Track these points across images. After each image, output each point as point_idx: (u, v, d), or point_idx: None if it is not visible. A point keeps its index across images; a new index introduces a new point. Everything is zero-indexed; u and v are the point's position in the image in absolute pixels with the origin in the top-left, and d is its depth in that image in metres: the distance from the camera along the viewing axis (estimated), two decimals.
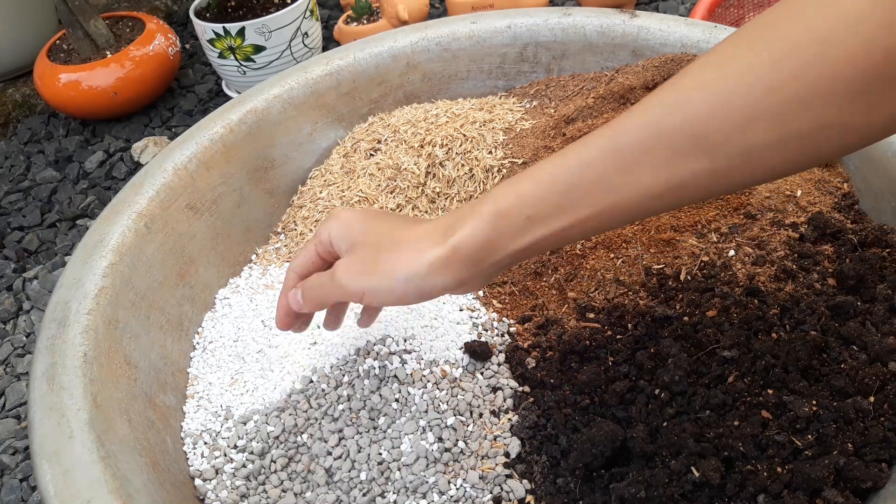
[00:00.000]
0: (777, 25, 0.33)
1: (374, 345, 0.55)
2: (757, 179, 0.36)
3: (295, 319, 0.50)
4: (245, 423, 0.53)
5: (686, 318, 0.52)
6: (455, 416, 0.51)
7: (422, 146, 0.69)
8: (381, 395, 0.52)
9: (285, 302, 0.49)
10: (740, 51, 0.34)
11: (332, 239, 0.46)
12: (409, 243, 0.41)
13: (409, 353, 0.55)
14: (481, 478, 0.47)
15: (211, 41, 0.99)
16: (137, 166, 1.02)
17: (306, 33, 1.02)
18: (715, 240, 0.58)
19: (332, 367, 0.55)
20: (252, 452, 0.51)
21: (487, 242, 0.40)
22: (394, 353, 0.55)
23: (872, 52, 0.31)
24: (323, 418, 0.52)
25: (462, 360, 0.54)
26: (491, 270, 0.41)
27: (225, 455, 0.52)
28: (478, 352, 0.54)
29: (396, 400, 0.52)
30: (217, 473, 0.51)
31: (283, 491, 0.49)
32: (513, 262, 0.42)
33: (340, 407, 0.52)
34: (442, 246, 0.40)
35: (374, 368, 0.54)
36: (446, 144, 0.68)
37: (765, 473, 0.41)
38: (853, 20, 0.31)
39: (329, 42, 1.20)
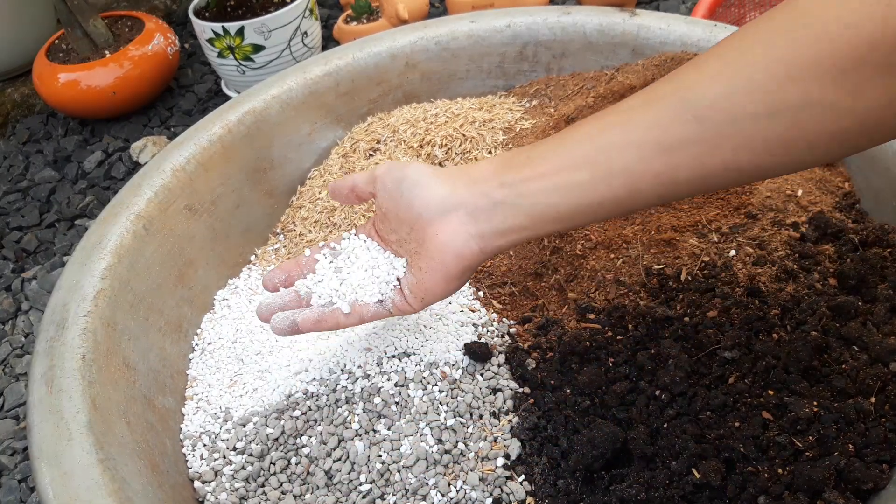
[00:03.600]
0: (775, 18, 0.35)
1: (375, 346, 0.55)
2: (746, 159, 0.36)
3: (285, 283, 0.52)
4: (244, 425, 0.53)
5: (687, 319, 0.52)
6: (455, 417, 0.50)
7: (421, 146, 0.69)
8: (380, 397, 0.52)
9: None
10: (743, 42, 0.35)
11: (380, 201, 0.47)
12: (448, 231, 0.43)
13: (409, 355, 0.55)
14: (481, 479, 0.47)
15: (210, 41, 0.99)
16: (136, 166, 1.01)
17: (306, 33, 1.02)
18: (715, 240, 0.58)
19: (331, 369, 0.54)
20: (251, 454, 0.51)
21: (501, 224, 0.42)
22: (394, 356, 0.55)
23: (857, 38, 0.31)
24: (322, 420, 0.52)
25: (462, 361, 0.54)
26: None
27: (224, 457, 0.51)
28: (478, 353, 0.53)
29: (396, 402, 0.52)
30: (216, 475, 0.51)
31: (283, 493, 0.49)
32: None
33: (340, 409, 0.52)
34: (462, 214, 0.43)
35: (374, 370, 0.54)
36: (446, 144, 0.68)
37: (765, 475, 0.41)
38: (845, 10, 0.32)
39: (329, 41, 1.19)
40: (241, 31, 0.97)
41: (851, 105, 0.33)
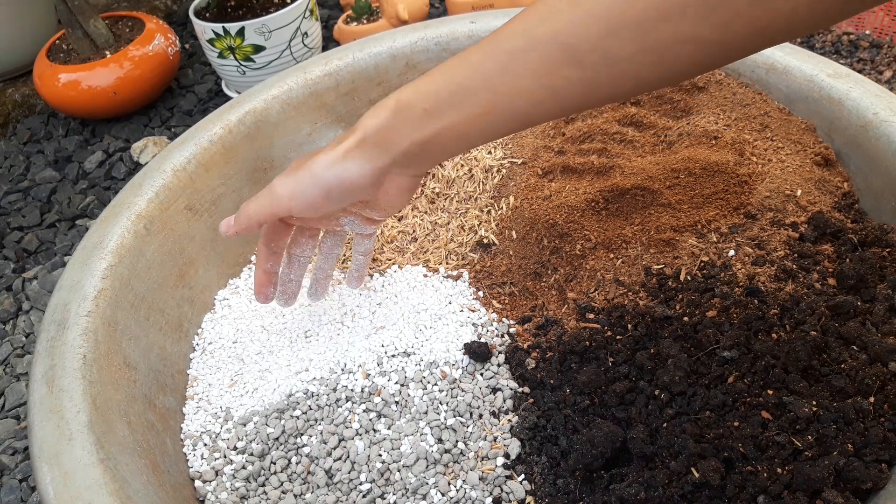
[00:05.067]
0: None
1: (375, 346, 0.55)
2: (629, 89, 0.39)
3: (268, 284, 0.56)
4: (245, 425, 0.53)
5: (686, 319, 0.52)
6: (455, 417, 0.51)
7: None
8: (381, 397, 0.52)
9: (259, 272, 0.54)
10: None
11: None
12: (328, 147, 0.47)
13: (410, 354, 0.55)
14: (481, 479, 0.47)
15: (210, 41, 0.99)
16: (137, 166, 1.02)
17: (306, 33, 1.02)
18: (715, 240, 0.58)
19: (331, 369, 0.55)
20: (252, 454, 0.51)
21: (391, 129, 0.44)
22: (394, 355, 0.55)
23: None
24: (323, 420, 0.52)
25: (462, 360, 0.54)
26: (403, 161, 0.45)
27: (225, 456, 0.52)
28: (477, 352, 0.54)
29: (396, 401, 0.52)
30: (217, 475, 0.51)
31: (283, 492, 0.49)
32: (423, 156, 0.45)
33: (340, 408, 0.52)
34: (353, 136, 0.45)
35: (375, 369, 0.54)
36: None
37: (765, 474, 0.41)
38: None
39: (329, 42, 1.20)
40: (241, 32, 0.97)
41: (720, 39, 0.35)
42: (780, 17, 0.33)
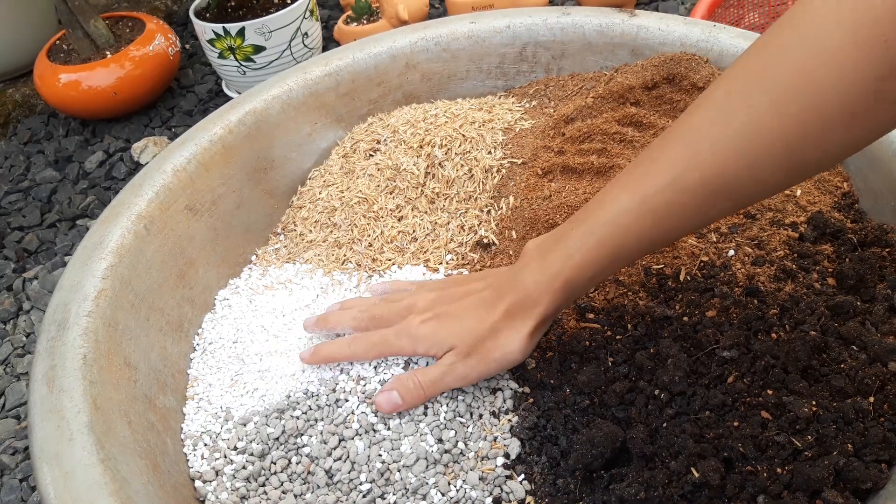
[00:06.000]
0: (767, 70, 0.37)
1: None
2: (775, 193, 0.44)
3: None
4: (245, 425, 0.53)
5: (686, 319, 0.52)
6: (455, 417, 0.51)
7: (421, 146, 0.69)
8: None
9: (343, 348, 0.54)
10: (739, 97, 0.38)
11: (426, 354, 0.52)
12: (504, 327, 0.49)
13: None
14: (481, 479, 0.47)
15: (211, 41, 0.99)
16: (137, 166, 1.02)
17: (306, 33, 1.02)
18: (714, 240, 0.58)
19: (331, 369, 0.55)
20: (252, 454, 0.51)
21: (562, 305, 0.49)
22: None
23: (858, 82, 0.34)
24: (323, 419, 0.52)
25: None
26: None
27: (225, 456, 0.52)
28: None
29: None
30: (217, 475, 0.51)
31: (284, 492, 0.49)
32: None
33: (340, 408, 0.52)
34: (529, 319, 0.49)
35: (375, 369, 0.54)
36: (445, 145, 0.68)
37: (764, 474, 0.41)
38: (834, 56, 0.34)
39: (329, 42, 1.20)
40: (241, 32, 0.97)
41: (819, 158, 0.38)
42: None
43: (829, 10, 0.34)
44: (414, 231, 0.65)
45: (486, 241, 0.64)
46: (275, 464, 0.50)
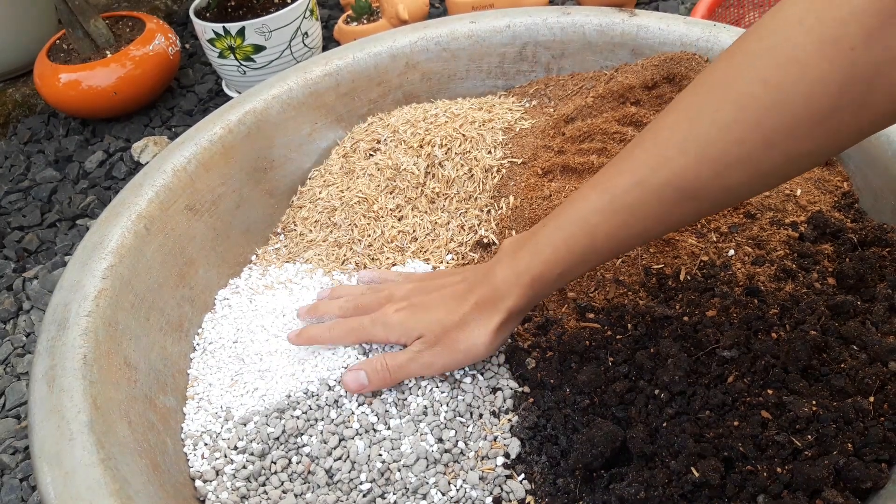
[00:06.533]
0: (733, 78, 0.37)
1: (375, 346, 0.55)
2: (743, 199, 0.44)
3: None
4: (245, 425, 0.53)
5: (686, 318, 0.52)
6: (455, 416, 0.51)
7: (421, 146, 0.69)
8: (380, 396, 0.52)
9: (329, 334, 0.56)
10: (706, 104, 0.39)
11: (397, 341, 0.53)
12: (471, 320, 0.50)
13: None
14: (481, 478, 0.47)
15: (211, 41, 0.99)
16: (137, 166, 1.02)
17: (306, 33, 1.02)
18: (714, 239, 0.58)
19: (331, 369, 0.55)
20: (252, 453, 0.51)
21: (531, 301, 0.49)
22: None
23: (823, 90, 0.34)
24: (323, 419, 0.52)
25: None
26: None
27: (225, 456, 0.52)
28: None
29: (396, 401, 0.52)
30: (217, 475, 0.51)
31: (284, 492, 0.49)
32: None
33: (340, 408, 0.52)
34: (495, 315, 0.49)
35: None
36: (445, 144, 0.68)
37: (764, 474, 0.41)
38: (799, 65, 0.34)
39: (329, 42, 1.20)
40: (241, 32, 0.97)
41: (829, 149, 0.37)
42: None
43: (796, 19, 0.35)
44: (414, 231, 0.65)
45: (486, 240, 0.64)
46: (275, 463, 0.50)
